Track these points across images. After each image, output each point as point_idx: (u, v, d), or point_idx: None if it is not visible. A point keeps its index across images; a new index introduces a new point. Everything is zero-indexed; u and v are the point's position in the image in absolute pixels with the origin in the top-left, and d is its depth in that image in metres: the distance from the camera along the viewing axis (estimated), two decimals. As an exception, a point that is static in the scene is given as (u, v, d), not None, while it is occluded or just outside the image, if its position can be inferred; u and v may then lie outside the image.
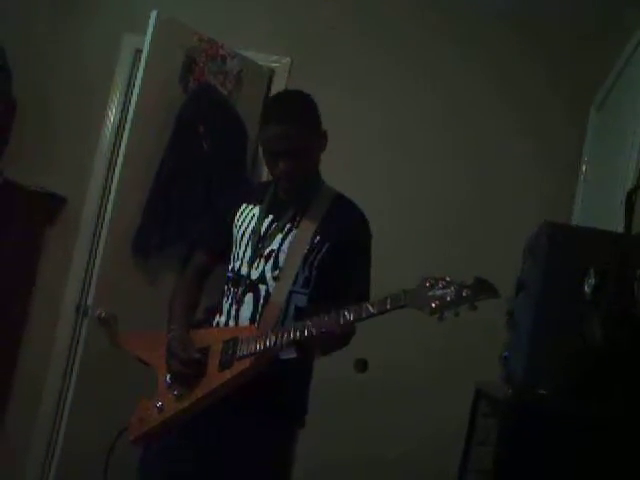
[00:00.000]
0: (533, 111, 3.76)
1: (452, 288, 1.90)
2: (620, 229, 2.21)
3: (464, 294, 1.88)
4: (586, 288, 1.88)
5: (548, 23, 3.78)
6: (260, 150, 2.44)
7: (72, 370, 3.47)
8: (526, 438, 1.84)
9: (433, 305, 1.90)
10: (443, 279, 1.93)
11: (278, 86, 3.81)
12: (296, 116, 2.29)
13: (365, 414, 3.59)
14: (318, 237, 2.30)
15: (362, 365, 2.20)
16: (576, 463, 1.82)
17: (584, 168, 3.63)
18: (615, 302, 1.86)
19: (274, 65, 3.89)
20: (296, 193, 2.36)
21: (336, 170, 2.60)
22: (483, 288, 1.89)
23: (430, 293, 1.92)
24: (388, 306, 2.00)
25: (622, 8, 3.42)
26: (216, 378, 2.21)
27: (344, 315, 2.05)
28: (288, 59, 3.89)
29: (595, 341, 1.85)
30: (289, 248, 2.30)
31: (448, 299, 1.89)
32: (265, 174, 3.74)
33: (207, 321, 2.42)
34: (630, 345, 1.86)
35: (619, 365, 1.86)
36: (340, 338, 2.18)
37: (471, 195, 3.76)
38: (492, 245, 3.60)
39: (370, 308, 2.02)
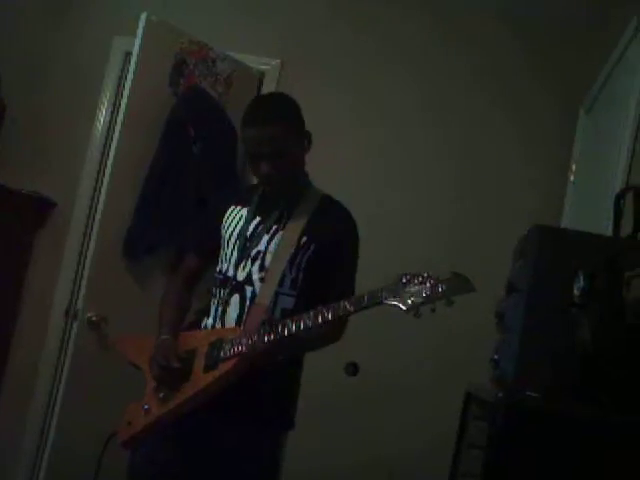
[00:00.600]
0: (522, 113, 3.78)
1: (428, 283, 1.91)
2: (609, 232, 2.22)
3: (440, 289, 1.89)
4: (575, 291, 1.88)
5: (538, 26, 3.79)
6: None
7: (62, 373, 3.46)
8: (516, 441, 1.84)
9: (409, 301, 1.90)
10: (420, 275, 1.93)
11: (268, 88, 3.81)
12: (274, 118, 2.28)
13: (355, 418, 3.59)
14: (305, 238, 2.30)
15: (353, 368, 2.20)
16: (566, 466, 1.82)
17: (573, 170, 3.64)
18: (604, 304, 1.86)
19: (264, 67, 3.89)
20: (282, 194, 2.36)
21: (327, 172, 2.60)
22: (459, 283, 1.89)
23: (407, 289, 1.93)
24: (364, 303, 2.01)
25: (611, 10, 3.43)
26: (201, 380, 2.22)
27: (322, 313, 2.06)
28: (278, 61, 3.89)
29: (584, 343, 1.86)
30: (275, 249, 2.30)
31: (424, 294, 1.90)
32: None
33: (197, 323, 2.42)
34: (619, 347, 1.86)
35: (608, 367, 1.86)
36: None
37: (460, 197, 3.77)
38: (482, 247, 3.61)
39: (347, 306, 2.03)
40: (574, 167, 3.64)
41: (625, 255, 1.91)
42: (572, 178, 3.63)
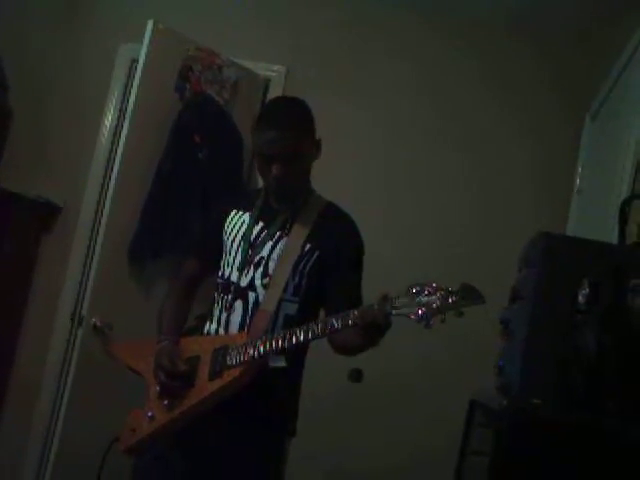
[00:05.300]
0: (528, 120, 3.78)
1: (438, 294, 1.90)
2: (614, 239, 2.22)
3: (450, 300, 1.88)
4: (580, 298, 1.88)
5: (544, 33, 3.79)
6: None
7: (67, 379, 3.47)
8: (521, 448, 1.84)
9: (419, 312, 1.89)
10: (429, 285, 1.92)
11: (274, 95, 3.81)
12: (290, 121, 2.29)
13: (360, 424, 3.59)
14: (308, 245, 2.31)
15: (357, 375, 2.20)
16: (571, 473, 1.82)
17: (578, 178, 3.64)
18: (609, 312, 1.86)
19: (270, 74, 3.90)
20: (286, 200, 2.36)
21: (331, 179, 2.60)
22: (469, 294, 1.88)
23: (416, 299, 1.91)
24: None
25: (617, 17, 3.43)
26: (206, 387, 2.21)
27: (331, 324, 2.05)
28: (284, 68, 3.90)
29: (589, 351, 1.86)
30: (279, 256, 2.30)
31: (434, 306, 1.89)
32: (261, 183, 3.76)
33: (198, 328, 2.43)
34: (624, 355, 1.86)
35: (613, 375, 1.86)
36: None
37: (466, 205, 3.77)
38: (487, 254, 3.61)
39: (356, 315, 2.02)
40: (579, 176, 3.64)
41: (630, 263, 1.91)
42: (577, 185, 3.63)
